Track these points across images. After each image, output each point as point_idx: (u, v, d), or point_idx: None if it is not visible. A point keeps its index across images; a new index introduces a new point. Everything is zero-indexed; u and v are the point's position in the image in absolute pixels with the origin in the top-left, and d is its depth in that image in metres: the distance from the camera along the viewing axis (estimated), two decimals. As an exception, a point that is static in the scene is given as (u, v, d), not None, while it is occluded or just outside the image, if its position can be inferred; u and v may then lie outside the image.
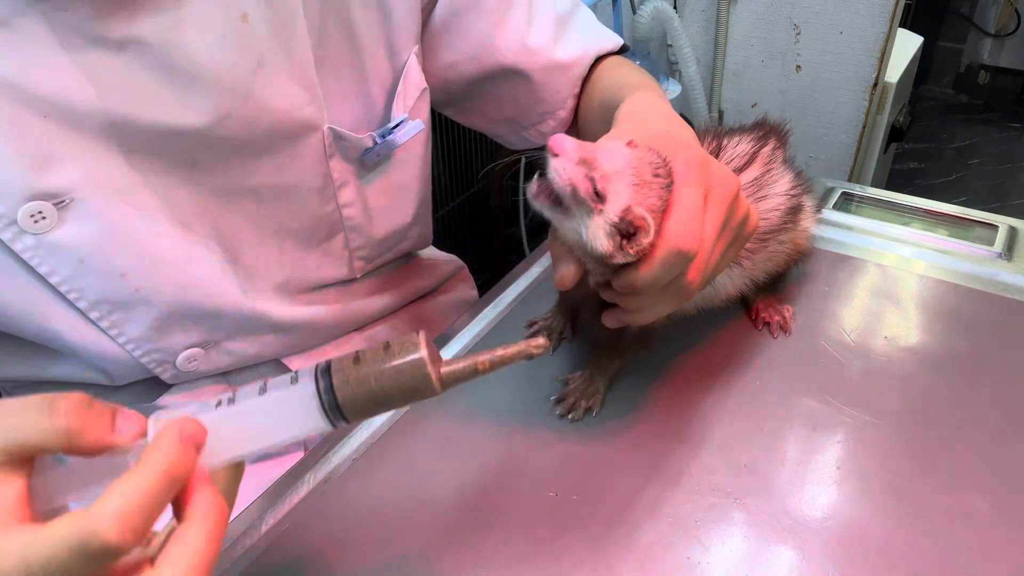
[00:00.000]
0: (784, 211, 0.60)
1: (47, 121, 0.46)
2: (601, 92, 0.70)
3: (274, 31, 0.51)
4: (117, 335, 0.54)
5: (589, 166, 0.42)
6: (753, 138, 0.62)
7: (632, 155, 0.43)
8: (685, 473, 0.52)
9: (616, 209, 0.42)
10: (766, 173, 0.60)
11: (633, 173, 0.43)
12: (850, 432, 0.55)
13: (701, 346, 0.63)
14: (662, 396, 0.58)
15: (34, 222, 0.47)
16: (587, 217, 0.43)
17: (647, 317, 0.47)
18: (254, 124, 0.53)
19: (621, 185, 0.42)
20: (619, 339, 0.57)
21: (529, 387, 0.59)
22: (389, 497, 0.51)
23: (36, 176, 0.46)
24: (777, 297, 0.67)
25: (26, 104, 0.45)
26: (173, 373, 0.59)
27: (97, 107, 0.47)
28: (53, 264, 0.49)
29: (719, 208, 0.43)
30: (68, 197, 0.48)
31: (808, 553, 0.46)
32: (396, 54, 0.63)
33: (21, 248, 0.47)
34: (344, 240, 0.66)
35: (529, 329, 0.66)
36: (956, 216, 0.81)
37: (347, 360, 0.33)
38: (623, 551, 0.47)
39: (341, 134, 0.59)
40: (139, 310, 0.53)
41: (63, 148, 0.47)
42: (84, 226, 0.49)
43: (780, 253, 0.63)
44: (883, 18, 1.36)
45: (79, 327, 0.53)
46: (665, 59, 1.64)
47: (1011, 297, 0.68)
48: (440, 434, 0.56)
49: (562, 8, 0.71)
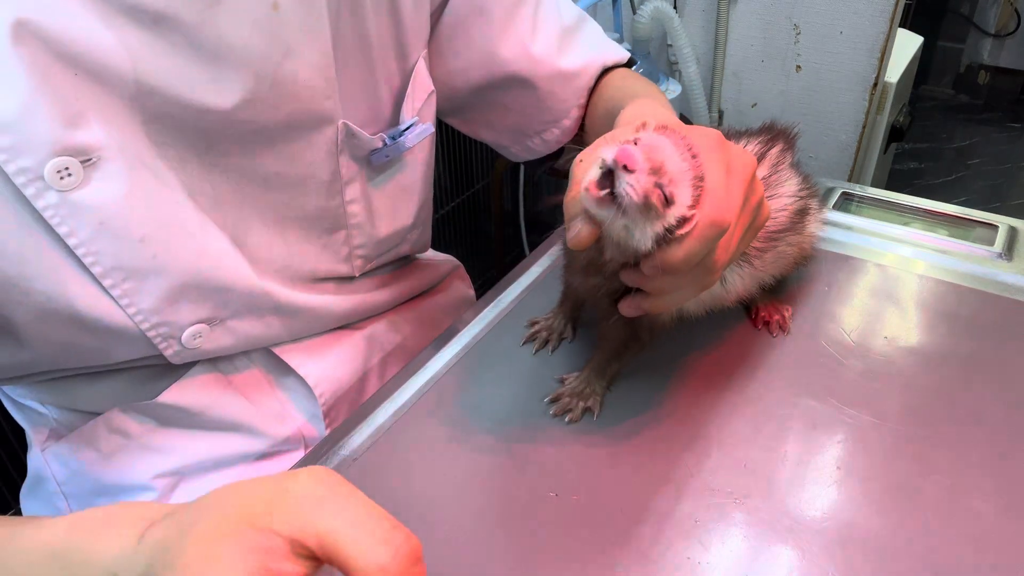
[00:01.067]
0: (792, 212, 0.60)
1: (78, 79, 0.46)
2: (606, 101, 0.72)
3: (301, 21, 0.52)
4: (128, 305, 0.53)
5: (659, 173, 0.41)
6: (761, 140, 0.63)
7: (672, 143, 0.43)
8: (685, 473, 0.52)
9: (678, 212, 0.42)
10: (774, 174, 0.60)
11: (686, 168, 0.42)
12: (850, 432, 0.55)
13: (701, 346, 0.63)
14: (662, 396, 0.58)
15: (60, 178, 0.46)
16: (648, 222, 0.42)
17: (669, 303, 0.47)
18: (275, 111, 0.53)
19: (684, 186, 0.42)
20: (624, 337, 0.57)
21: (529, 387, 0.59)
22: (389, 497, 0.51)
23: (67, 131, 0.46)
24: (777, 297, 0.67)
25: (60, 56, 0.45)
26: (177, 350, 0.58)
27: (129, 72, 0.47)
28: (73, 225, 0.48)
29: (741, 183, 0.44)
30: (95, 155, 0.47)
31: (808, 553, 0.46)
32: (405, 57, 0.63)
33: (43, 205, 0.47)
34: (346, 236, 0.66)
35: (530, 328, 0.66)
36: (956, 216, 0.81)
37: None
38: (623, 551, 0.47)
39: (353, 131, 0.60)
40: (153, 279, 0.53)
41: (92, 106, 0.47)
42: (108, 187, 0.49)
43: (787, 256, 0.63)
44: (883, 18, 1.36)
45: (92, 295, 0.52)
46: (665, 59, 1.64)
47: (1011, 297, 0.68)
48: (440, 434, 0.56)
49: (568, 20, 0.72)
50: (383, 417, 0.58)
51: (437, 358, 0.63)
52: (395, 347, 0.76)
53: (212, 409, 0.64)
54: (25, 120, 0.44)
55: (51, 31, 0.44)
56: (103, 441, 0.63)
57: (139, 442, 0.64)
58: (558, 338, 0.65)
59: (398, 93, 0.65)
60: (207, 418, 0.64)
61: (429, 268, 0.83)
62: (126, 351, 0.58)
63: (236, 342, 0.62)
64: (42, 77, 0.44)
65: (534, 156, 0.80)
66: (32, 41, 0.44)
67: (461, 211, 1.82)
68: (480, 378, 0.61)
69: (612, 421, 0.56)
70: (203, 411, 0.64)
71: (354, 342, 0.72)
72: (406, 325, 0.78)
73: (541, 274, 0.74)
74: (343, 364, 0.70)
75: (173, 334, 0.57)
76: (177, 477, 0.66)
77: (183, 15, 0.47)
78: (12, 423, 0.82)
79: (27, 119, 0.44)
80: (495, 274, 1.99)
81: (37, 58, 0.44)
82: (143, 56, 0.47)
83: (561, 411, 0.57)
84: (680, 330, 0.59)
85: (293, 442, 0.70)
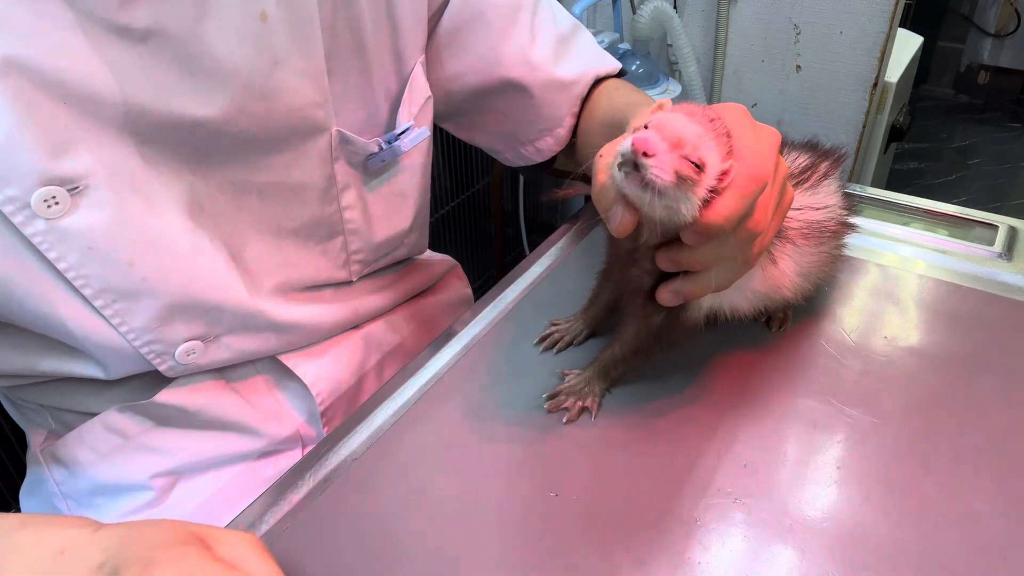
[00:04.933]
0: (839, 221, 0.60)
1: (65, 107, 0.46)
2: (604, 112, 0.72)
3: (291, 32, 0.52)
4: (120, 324, 0.54)
5: (679, 146, 0.41)
6: (808, 154, 0.62)
7: (687, 112, 0.43)
8: (685, 473, 0.52)
9: (713, 173, 0.41)
10: (824, 182, 0.60)
11: (706, 128, 0.42)
12: (850, 432, 0.55)
13: (700, 347, 0.63)
14: (662, 396, 0.58)
15: (47, 207, 0.47)
16: (689, 192, 0.41)
17: (710, 281, 0.46)
18: (267, 121, 0.54)
19: (710, 147, 0.42)
20: (647, 337, 0.55)
21: (529, 387, 0.59)
22: (389, 497, 0.51)
23: (52, 161, 0.46)
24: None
25: (45, 88, 0.45)
26: (171, 365, 0.59)
27: (117, 96, 0.47)
28: (62, 250, 0.49)
29: (771, 146, 0.44)
30: (82, 183, 0.48)
31: (808, 553, 0.46)
32: (403, 62, 0.63)
33: (31, 232, 0.47)
34: (343, 243, 0.66)
35: (548, 328, 0.65)
36: (956, 216, 0.81)
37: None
38: (623, 551, 0.46)
39: (348, 137, 0.60)
40: (143, 300, 0.53)
41: (79, 134, 0.47)
42: (95, 213, 0.49)
43: (826, 264, 0.62)
44: (883, 18, 1.36)
45: (82, 315, 0.52)
46: (665, 59, 1.64)
47: (1011, 297, 0.68)
48: (440, 433, 0.56)
49: (563, 28, 0.73)
50: (382, 418, 0.57)
51: (437, 358, 0.63)
52: (393, 347, 0.76)
53: (210, 409, 0.64)
54: (10, 151, 0.45)
55: (37, 63, 0.44)
56: (100, 441, 0.63)
57: (136, 442, 0.64)
58: (568, 342, 0.64)
59: (395, 99, 0.65)
60: (205, 418, 0.64)
61: (426, 268, 0.83)
62: (121, 367, 0.58)
63: (232, 356, 0.62)
64: (26, 109, 0.44)
65: (527, 163, 0.80)
66: (17, 75, 0.44)
67: (461, 211, 1.82)
68: (480, 378, 0.61)
69: (612, 421, 0.56)
70: (201, 411, 0.64)
71: (352, 343, 0.72)
72: (404, 325, 0.78)
73: (541, 274, 0.74)
74: (341, 365, 0.70)
75: (167, 351, 0.58)
76: (175, 476, 0.66)
77: (171, 30, 0.47)
78: (12, 423, 0.82)
79: (11, 150, 0.45)
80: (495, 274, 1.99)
81: (22, 90, 0.44)
82: (132, 77, 0.47)
83: (556, 408, 0.57)
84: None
85: (291, 442, 0.70)
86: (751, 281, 0.55)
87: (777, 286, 0.57)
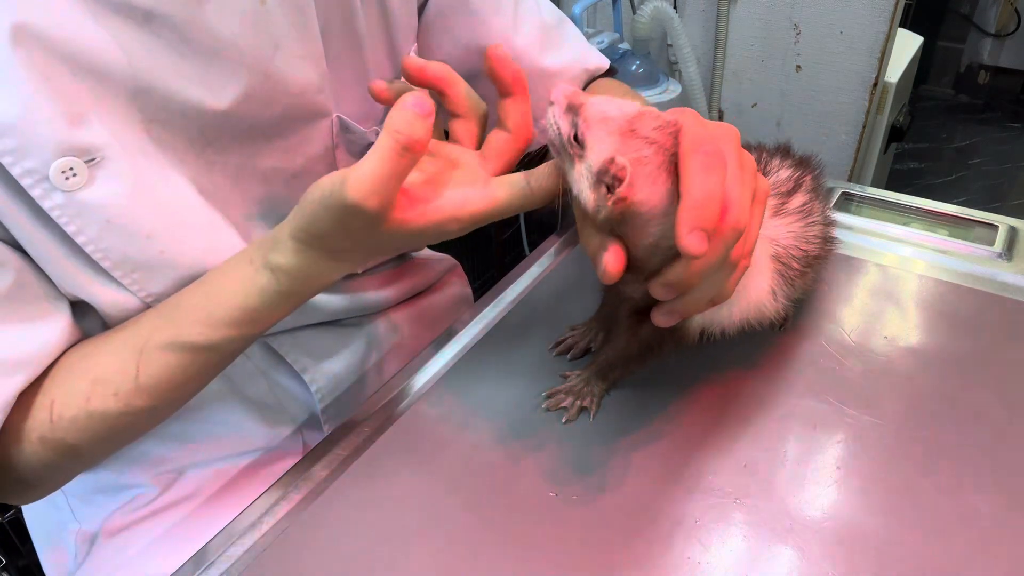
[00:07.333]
0: (823, 239, 0.60)
1: (77, 79, 0.46)
2: None
3: (288, 16, 0.52)
4: (138, 290, 0.54)
5: (575, 113, 0.43)
6: (790, 165, 0.61)
7: (634, 111, 0.42)
8: (685, 473, 0.52)
9: (598, 158, 0.41)
10: (812, 202, 0.59)
11: (626, 124, 0.42)
12: (850, 432, 0.55)
13: (700, 347, 0.63)
14: (662, 396, 0.58)
15: (65, 179, 0.46)
16: (571, 165, 0.43)
17: (705, 296, 0.44)
18: (270, 105, 0.54)
19: (602, 133, 0.42)
20: (643, 344, 0.55)
21: (529, 387, 0.59)
22: (390, 496, 0.51)
23: (70, 131, 0.46)
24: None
25: (60, 59, 0.45)
26: None
27: (126, 70, 0.47)
28: (80, 223, 0.48)
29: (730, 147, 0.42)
30: (99, 155, 0.48)
31: (808, 553, 0.46)
32: (396, 51, 0.63)
33: (50, 206, 0.47)
34: None
35: (565, 334, 0.64)
36: (956, 216, 0.81)
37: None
38: (623, 551, 0.47)
39: (348, 125, 0.60)
40: (162, 271, 0.53)
41: (93, 106, 0.47)
42: (113, 185, 0.49)
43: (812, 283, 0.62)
44: (883, 18, 1.36)
45: (102, 283, 0.52)
46: (665, 59, 1.64)
47: (1011, 297, 0.68)
48: (440, 434, 0.56)
49: (548, 18, 0.72)
50: (383, 417, 0.57)
51: (437, 358, 0.63)
52: (393, 346, 0.76)
53: (210, 407, 0.64)
54: (28, 122, 0.44)
55: (49, 32, 0.44)
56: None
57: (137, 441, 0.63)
58: (584, 347, 0.63)
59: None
60: (205, 416, 0.64)
61: (426, 267, 0.83)
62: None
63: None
64: (43, 78, 0.44)
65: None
66: (31, 43, 0.44)
67: (461, 211, 1.81)
68: (480, 378, 0.61)
69: (612, 421, 0.56)
70: (201, 409, 0.64)
71: (352, 341, 0.72)
72: (404, 324, 0.78)
73: (541, 274, 0.74)
74: (341, 363, 0.70)
75: None
76: (175, 475, 0.66)
77: (172, 12, 0.47)
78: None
79: (30, 121, 0.44)
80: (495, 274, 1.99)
81: (37, 60, 0.44)
82: (138, 54, 0.47)
83: (554, 406, 0.57)
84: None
85: (291, 441, 0.70)
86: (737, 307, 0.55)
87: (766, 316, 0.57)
